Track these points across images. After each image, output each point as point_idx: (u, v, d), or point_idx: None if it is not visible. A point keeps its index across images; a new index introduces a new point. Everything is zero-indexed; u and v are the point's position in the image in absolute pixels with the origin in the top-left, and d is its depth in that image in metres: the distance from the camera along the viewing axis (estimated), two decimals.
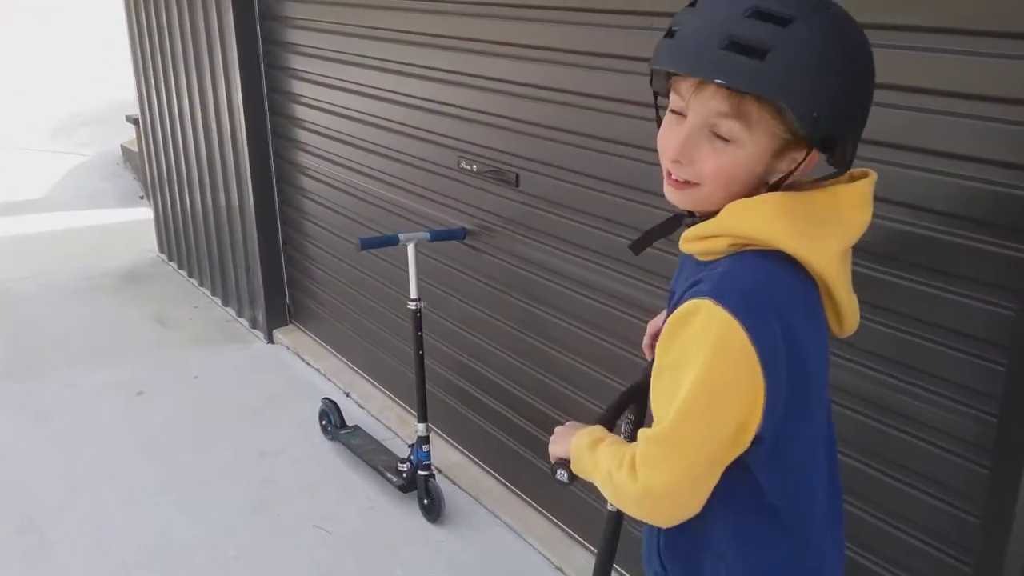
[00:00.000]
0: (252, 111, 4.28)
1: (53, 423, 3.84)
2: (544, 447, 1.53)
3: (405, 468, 3.21)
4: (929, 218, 1.77)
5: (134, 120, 6.28)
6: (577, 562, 2.88)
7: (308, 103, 4.03)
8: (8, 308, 5.14)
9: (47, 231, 6.63)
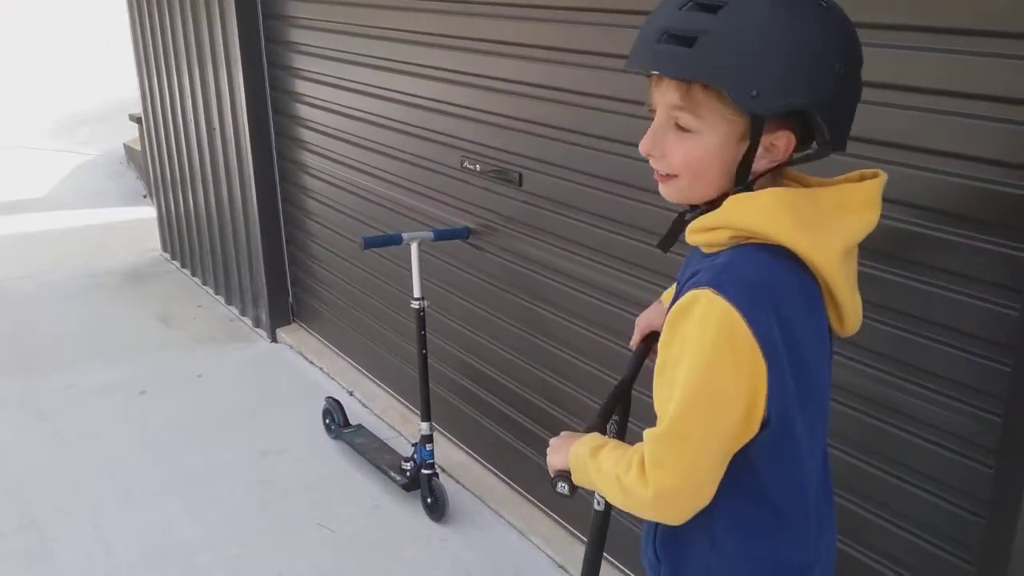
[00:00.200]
0: (255, 110, 4.29)
1: (54, 422, 3.83)
2: (547, 446, 1.52)
3: (408, 467, 3.22)
4: (929, 216, 1.77)
5: (137, 119, 6.28)
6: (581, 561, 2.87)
7: (311, 102, 4.03)
8: (10, 307, 5.14)
9: (49, 230, 6.62)
